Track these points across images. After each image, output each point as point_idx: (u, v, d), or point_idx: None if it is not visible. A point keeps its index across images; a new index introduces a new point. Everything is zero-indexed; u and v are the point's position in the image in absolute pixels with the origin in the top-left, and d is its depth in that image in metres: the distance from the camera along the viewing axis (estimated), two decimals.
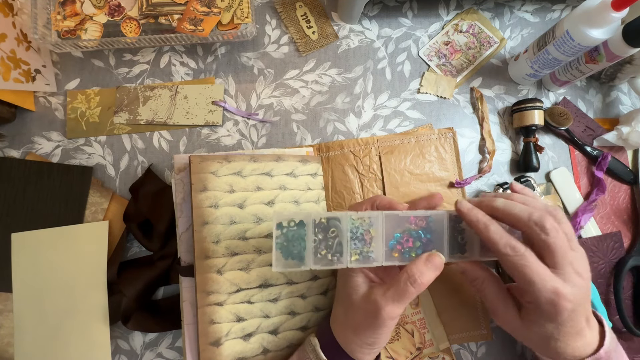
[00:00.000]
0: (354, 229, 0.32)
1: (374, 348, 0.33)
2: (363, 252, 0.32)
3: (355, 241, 0.32)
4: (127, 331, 0.44)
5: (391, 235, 0.32)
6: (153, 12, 0.45)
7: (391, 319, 0.31)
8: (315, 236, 0.31)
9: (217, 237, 0.38)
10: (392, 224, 0.32)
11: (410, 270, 0.31)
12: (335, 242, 0.31)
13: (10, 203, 0.43)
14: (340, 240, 0.31)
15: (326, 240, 0.31)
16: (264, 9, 0.51)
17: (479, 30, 0.52)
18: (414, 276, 0.30)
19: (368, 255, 0.32)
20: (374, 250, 0.32)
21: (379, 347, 0.33)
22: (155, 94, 0.48)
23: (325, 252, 0.31)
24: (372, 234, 0.32)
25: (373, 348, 0.33)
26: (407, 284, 0.30)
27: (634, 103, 0.52)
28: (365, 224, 0.32)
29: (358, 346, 0.32)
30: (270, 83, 0.50)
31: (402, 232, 0.32)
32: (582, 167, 0.50)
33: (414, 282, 0.30)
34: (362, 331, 0.32)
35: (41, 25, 0.43)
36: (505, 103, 0.51)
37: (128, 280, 0.42)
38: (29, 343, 0.41)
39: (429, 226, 0.33)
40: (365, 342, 0.32)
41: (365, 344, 0.32)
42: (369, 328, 0.32)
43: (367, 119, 0.50)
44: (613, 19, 0.37)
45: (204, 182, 0.39)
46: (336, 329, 0.34)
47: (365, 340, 0.32)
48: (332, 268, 0.32)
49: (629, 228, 0.49)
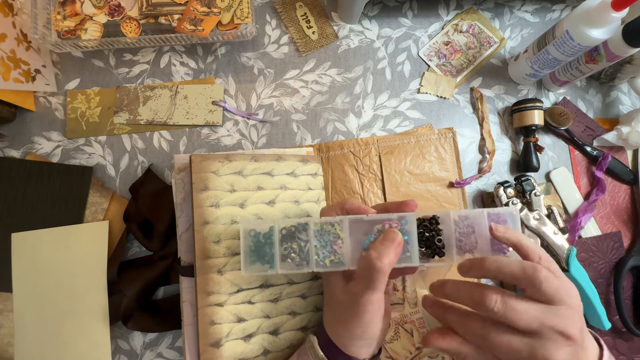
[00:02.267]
0: (322, 234, 0.32)
1: (365, 340, 0.33)
2: (333, 259, 0.32)
3: (325, 247, 0.32)
4: (127, 331, 0.44)
5: (364, 237, 0.32)
6: (153, 12, 0.45)
7: (370, 304, 0.31)
8: (285, 243, 0.32)
9: (218, 236, 0.38)
10: (364, 228, 0.33)
11: (369, 255, 0.30)
12: (306, 248, 0.32)
13: (10, 203, 0.43)
14: (309, 248, 0.32)
15: (297, 246, 0.32)
16: (264, 9, 0.51)
17: (478, 30, 0.52)
18: (373, 260, 0.30)
19: (337, 260, 0.32)
20: (343, 255, 0.32)
21: (370, 339, 0.33)
22: (155, 94, 0.48)
23: (295, 258, 0.32)
24: (341, 239, 0.32)
25: (364, 340, 0.33)
26: (370, 269, 0.30)
27: (633, 103, 0.53)
28: (333, 229, 0.32)
29: (349, 339, 0.33)
30: (270, 83, 0.50)
31: (376, 234, 0.32)
32: (582, 167, 0.50)
33: (375, 266, 0.30)
34: (349, 323, 0.32)
35: (41, 25, 0.43)
36: (505, 103, 0.51)
37: (128, 280, 0.42)
38: (29, 343, 0.41)
39: (404, 229, 0.32)
40: (354, 334, 0.32)
41: (355, 337, 0.33)
42: (353, 319, 0.32)
43: (367, 119, 0.50)
44: (613, 19, 0.37)
45: (205, 182, 0.39)
46: (328, 328, 0.35)
47: (353, 332, 0.32)
48: (299, 272, 0.33)
49: (629, 228, 0.49)
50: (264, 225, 0.33)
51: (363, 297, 0.31)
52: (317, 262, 0.32)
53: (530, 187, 0.45)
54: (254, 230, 0.33)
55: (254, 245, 0.33)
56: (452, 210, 0.33)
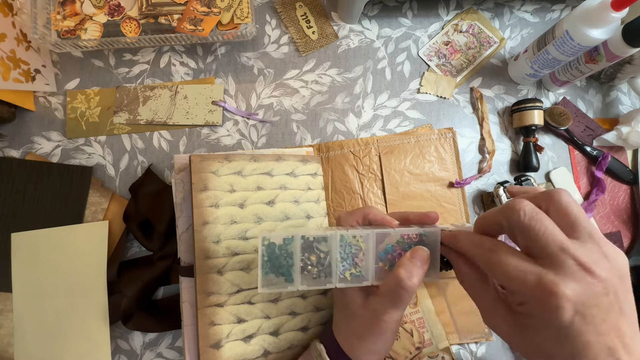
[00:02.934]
0: (345, 247, 0.30)
1: (379, 354, 0.33)
2: (354, 272, 0.31)
3: (346, 261, 0.30)
4: (127, 331, 0.44)
5: (382, 248, 0.31)
6: (153, 12, 0.44)
7: (393, 322, 0.31)
8: (303, 254, 0.30)
9: (217, 237, 0.38)
10: (382, 237, 0.31)
11: (399, 274, 0.29)
12: (326, 261, 0.30)
13: (10, 203, 0.43)
14: (330, 260, 0.30)
15: (317, 259, 0.30)
16: (264, 9, 0.51)
17: (478, 30, 0.52)
18: (404, 280, 0.29)
19: (359, 274, 0.31)
20: (364, 269, 0.31)
21: (385, 351, 0.33)
22: (155, 94, 0.48)
23: (314, 271, 0.30)
24: (362, 252, 0.31)
25: (378, 354, 0.33)
26: (398, 288, 0.29)
27: (633, 103, 0.53)
28: (355, 241, 0.31)
29: (364, 353, 0.33)
30: (270, 83, 0.50)
31: (394, 244, 0.31)
32: (582, 167, 0.50)
33: (405, 286, 0.29)
34: (367, 338, 0.32)
35: (41, 25, 0.43)
36: (505, 103, 0.51)
37: (128, 280, 0.42)
38: (29, 343, 0.41)
39: (422, 241, 0.31)
40: (372, 349, 0.32)
41: (372, 350, 0.32)
42: (372, 334, 0.32)
43: (367, 119, 0.50)
44: (613, 19, 0.37)
45: (204, 182, 0.39)
46: (341, 339, 0.34)
47: (371, 347, 0.32)
48: (321, 288, 0.30)
49: (628, 228, 0.49)
50: (280, 237, 0.30)
51: (386, 314, 0.30)
52: (337, 276, 0.30)
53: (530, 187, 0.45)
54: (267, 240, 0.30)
55: (267, 256, 0.30)
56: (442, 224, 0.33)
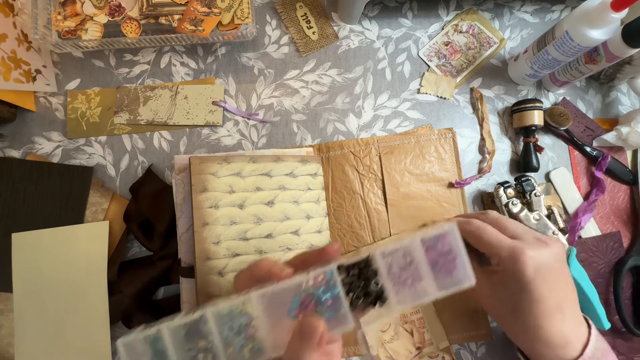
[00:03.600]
0: (232, 318, 0.25)
1: None
2: (252, 345, 0.25)
3: (239, 335, 0.25)
4: (127, 331, 0.44)
5: (288, 303, 0.25)
6: (153, 12, 0.45)
7: None
8: (188, 345, 0.25)
9: (217, 237, 0.38)
10: (284, 294, 0.25)
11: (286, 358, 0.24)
12: (210, 354, 0.24)
13: (10, 203, 0.43)
14: (215, 351, 0.24)
15: (204, 344, 0.25)
16: (264, 10, 0.51)
17: (478, 31, 0.52)
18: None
19: (258, 347, 0.25)
20: (263, 338, 0.25)
21: None
22: (156, 94, 0.48)
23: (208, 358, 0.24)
24: (255, 321, 0.25)
25: None
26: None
27: (633, 103, 0.53)
28: (243, 308, 0.25)
29: None
30: (271, 83, 0.50)
31: (302, 295, 0.25)
32: (582, 168, 0.50)
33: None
34: None
35: (42, 26, 0.43)
36: (505, 103, 0.51)
37: (128, 280, 0.42)
38: (29, 343, 0.41)
39: (330, 282, 0.25)
40: None
41: None
42: None
43: (367, 119, 0.50)
44: (612, 20, 0.37)
45: (204, 183, 0.39)
46: None
47: None
48: None
49: (628, 228, 0.49)
50: (147, 331, 0.25)
51: None
52: (233, 358, 0.24)
53: (530, 188, 0.45)
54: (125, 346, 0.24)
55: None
56: (379, 247, 0.26)
